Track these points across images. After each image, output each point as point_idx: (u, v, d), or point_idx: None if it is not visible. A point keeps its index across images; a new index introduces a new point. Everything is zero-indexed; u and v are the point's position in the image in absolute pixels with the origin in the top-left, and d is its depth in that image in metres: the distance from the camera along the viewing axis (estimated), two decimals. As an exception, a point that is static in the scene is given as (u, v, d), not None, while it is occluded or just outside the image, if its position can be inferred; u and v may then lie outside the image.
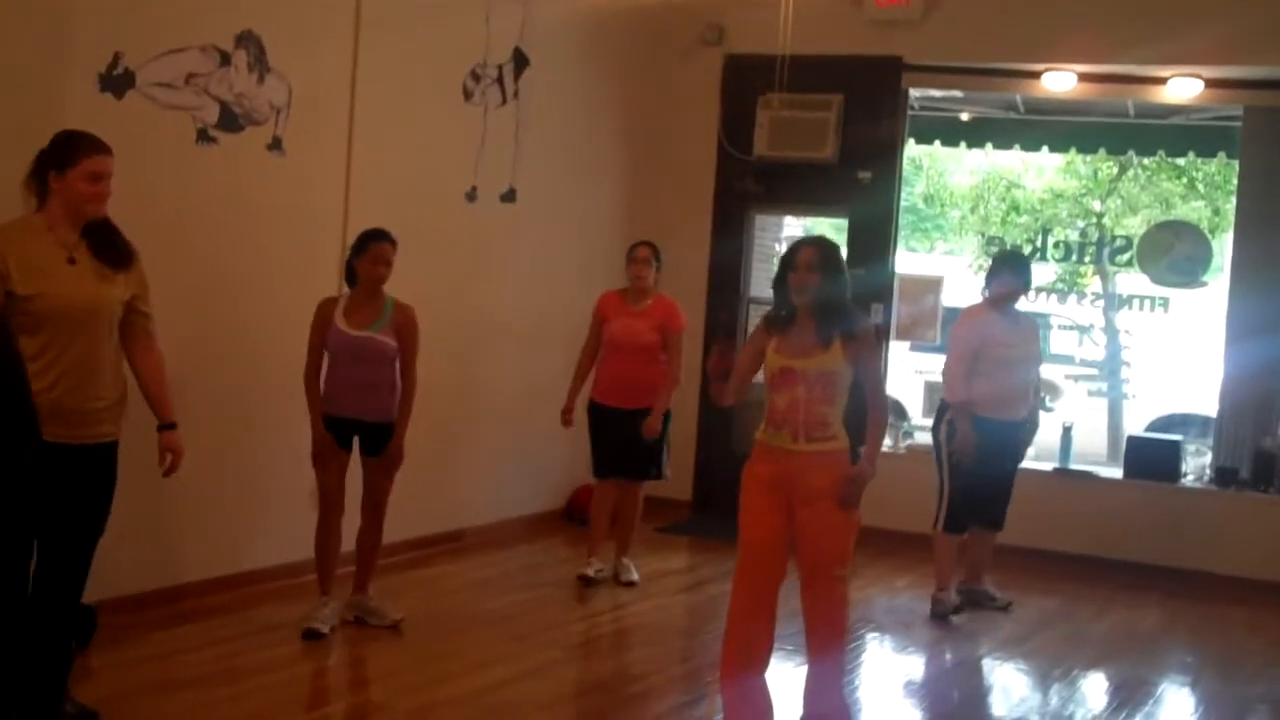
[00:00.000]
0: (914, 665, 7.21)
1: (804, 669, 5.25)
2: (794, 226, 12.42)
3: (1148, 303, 11.49)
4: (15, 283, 4.63)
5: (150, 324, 5.00)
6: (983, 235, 15.23)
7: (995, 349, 7.62)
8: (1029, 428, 7.87)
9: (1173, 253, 10.21)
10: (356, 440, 6.55)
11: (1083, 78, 9.63)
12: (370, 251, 6.45)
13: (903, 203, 10.29)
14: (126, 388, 4.95)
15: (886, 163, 10.07)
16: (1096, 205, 15.88)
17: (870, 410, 5.22)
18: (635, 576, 8.01)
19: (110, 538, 4.99)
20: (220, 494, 6.89)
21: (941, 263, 16.47)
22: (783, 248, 11.17)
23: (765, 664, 5.16)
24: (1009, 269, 7.82)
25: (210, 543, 6.91)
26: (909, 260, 13.76)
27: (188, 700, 5.45)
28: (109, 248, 4.82)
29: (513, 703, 5.73)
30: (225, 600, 6.75)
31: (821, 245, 5.22)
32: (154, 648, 6.02)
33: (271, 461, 7.11)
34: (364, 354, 6.41)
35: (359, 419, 6.48)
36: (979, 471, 7.61)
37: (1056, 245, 11.25)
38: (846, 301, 5.15)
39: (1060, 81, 9.66)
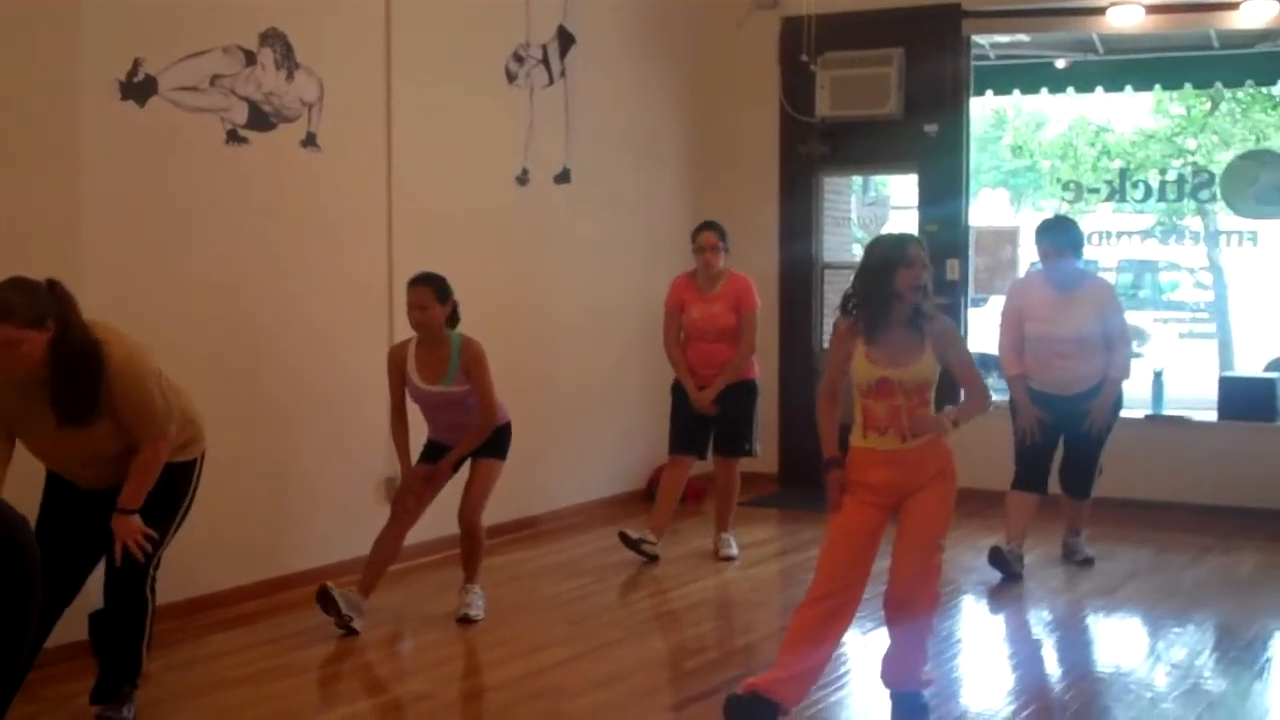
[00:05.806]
0: (997, 623, 7.01)
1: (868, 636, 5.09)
2: (885, 188, 12.22)
3: (1235, 238, 11.07)
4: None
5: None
6: (1060, 183, 14.69)
7: (1035, 318, 7.40)
8: (1095, 398, 7.33)
9: (1259, 183, 9.78)
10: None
11: (1150, 9, 9.24)
12: (408, 299, 6.39)
13: (1003, 160, 9.96)
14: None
15: (953, 114, 9.84)
16: (1191, 144, 15.35)
17: (967, 397, 5.17)
18: (735, 551, 7.96)
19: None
20: (254, 499, 6.81)
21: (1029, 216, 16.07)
22: (855, 211, 10.95)
23: (828, 650, 5.06)
24: (1041, 233, 7.57)
25: (246, 549, 6.81)
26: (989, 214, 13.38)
27: (233, 699, 5.43)
28: (61, 401, 4.61)
29: (561, 684, 5.62)
30: (262, 606, 6.68)
31: (921, 241, 5.13)
32: (196, 651, 5.99)
33: (310, 466, 7.04)
34: (443, 405, 6.45)
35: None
36: (1042, 440, 7.40)
37: (1134, 185, 10.85)
38: (932, 300, 5.08)
39: (1126, 16, 9.29)
